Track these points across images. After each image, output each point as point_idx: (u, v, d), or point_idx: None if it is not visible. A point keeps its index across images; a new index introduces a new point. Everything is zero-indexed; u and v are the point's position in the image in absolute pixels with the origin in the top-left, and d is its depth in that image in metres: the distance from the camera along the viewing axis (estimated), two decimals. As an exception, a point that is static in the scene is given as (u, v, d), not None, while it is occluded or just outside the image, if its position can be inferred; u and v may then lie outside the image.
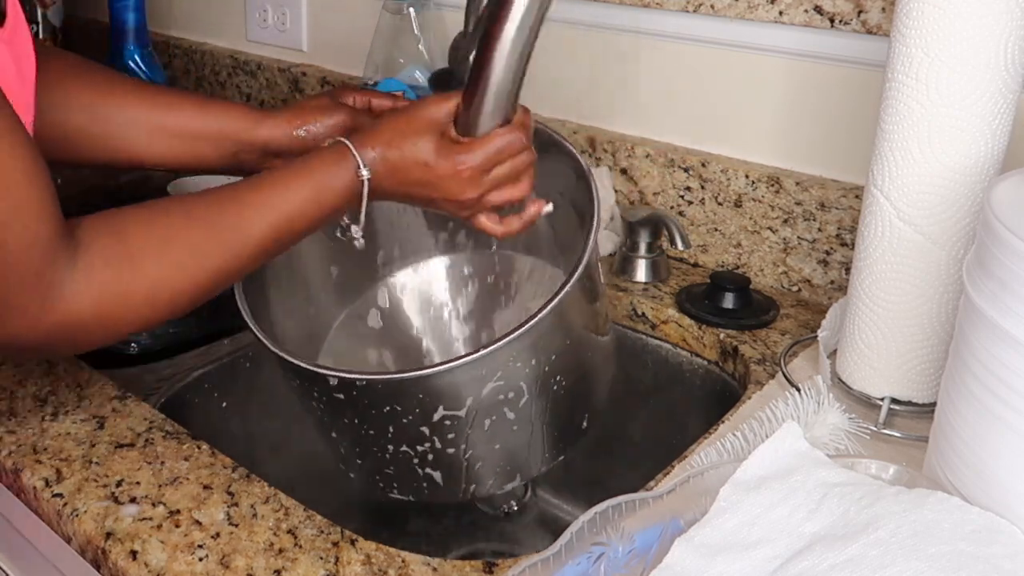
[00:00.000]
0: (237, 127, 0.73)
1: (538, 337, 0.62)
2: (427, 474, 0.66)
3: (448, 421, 0.63)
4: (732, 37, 0.93)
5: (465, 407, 0.62)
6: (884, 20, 0.83)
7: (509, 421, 0.65)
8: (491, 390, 0.62)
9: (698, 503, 0.52)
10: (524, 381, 0.63)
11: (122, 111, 0.72)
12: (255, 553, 0.57)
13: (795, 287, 0.93)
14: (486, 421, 0.64)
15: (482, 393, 0.62)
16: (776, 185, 0.91)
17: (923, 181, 0.63)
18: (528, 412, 0.65)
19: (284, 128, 0.73)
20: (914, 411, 0.69)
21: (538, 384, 0.64)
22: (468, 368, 0.61)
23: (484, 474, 0.68)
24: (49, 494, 0.62)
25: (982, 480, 0.50)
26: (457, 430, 0.63)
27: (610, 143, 1.02)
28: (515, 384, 0.63)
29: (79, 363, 0.78)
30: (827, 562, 0.47)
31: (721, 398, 0.84)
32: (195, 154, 0.73)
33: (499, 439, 0.65)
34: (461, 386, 0.62)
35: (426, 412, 0.62)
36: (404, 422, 0.63)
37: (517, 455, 0.68)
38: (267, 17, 1.39)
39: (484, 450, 0.66)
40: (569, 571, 0.47)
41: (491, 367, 0.61)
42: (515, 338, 0.60)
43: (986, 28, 0.59)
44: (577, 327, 0.67)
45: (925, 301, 0.66)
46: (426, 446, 0.64)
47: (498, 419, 0.64)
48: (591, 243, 0.65)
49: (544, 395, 0.65)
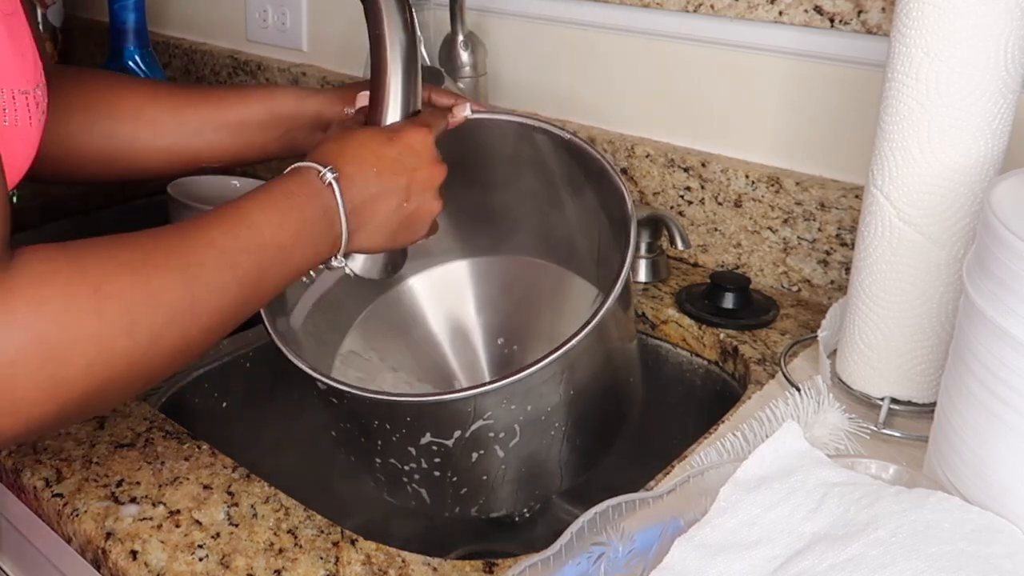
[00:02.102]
0: (284, 108, 0.73)
1: (531, 387, 0.61)
2: (415, 490, 0.66)
3: (435, 447, 0.62)
4: (732, 37, 0.93)
5: (452, 438, 0.61)
6: (884, 20, 0.83)
7: (498, 458, 0.63)
8: (480, 427, 0.61)
9: (698, 503, 0.52)
10: (518, 423, 0.62)
11: (169, 114, 0.72)
12: (255, 553, 0.57)
13: (795, 287, 0.93)
14: (473, 455, 0.63)
15: (469, 429, 0.61)
16: (776, 185, 0.91)
17: (923, 181, 0.63)
18: (518, 452, 0.64)
19: (334, 103, 0.73)
20: (914, 411, 0.69)
21: (532, 427, 0.63)
22: (458, 404, 0.60)
23: (468, 499, 0.67)
24: (49, 494, 0.62)
25: (982, 480, 0.50)
26: (443, 456, 0.62)
27: (610, 143, 1.02)
28: (507, 425, 0.62)
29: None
30: (827, 562, 0.47)
31: (721, 398, 0.84)
32: (246, 142, 0.73)
33: (486, 472, 0.64)
34: (449, 418, 0.61)
35: (413, 435, 0.62)
36: (393, 440, 0.63)
37: (500, 489, 0.67)
38: (267, 17, 1.39)
39: (469, 478, 0.65)
40: (569, 571, 0.47)
41: (480, 407, 0.60)
42: (507, 384, 0.59)
43: (986, 28, 0.59)
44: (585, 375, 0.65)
45: (925, 301, 0.66)
46: (412, 466, 0.64)
47: (487, 454, 0.63)
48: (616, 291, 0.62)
49: (539, 437, 0.64)
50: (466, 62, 1.03)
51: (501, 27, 1.10)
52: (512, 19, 1.09)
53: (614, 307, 0.62)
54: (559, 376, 0.62)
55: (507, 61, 1.11)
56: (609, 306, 0.61)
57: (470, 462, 0.63)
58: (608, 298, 0.61)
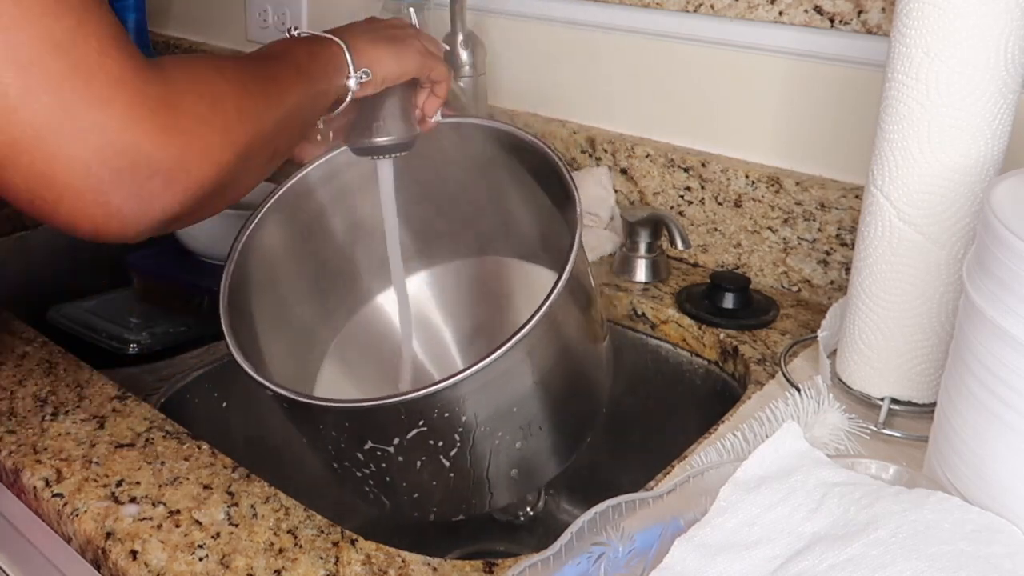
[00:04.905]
0: None
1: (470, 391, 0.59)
2: (376, 495, 0.65)
3: (379, 452, 0.61)
4: (732, 37, 0.93)
5: (392, 444, 0.60)
6: (884, 20, 0.83)
7: (444, 467, 0.62)
8: (416, 435, 0.60)
9: (698, 503, 0.52)
10: (459, 432, 0.60)
11: None
12: (255, 553, 0.57)
13: (795, 287, 0.93)
14: (417, 461, 0.61)
15: (407, 436, 0.60)
16: (776, 185, 0.91)
17: (923, 181, 0.63)
18: (464, 461, 0.62)
19: None
20: (914, 411, 0.69)
21: (472, 435, 0.61)
22: (389, 409, 0.59)
23: (426, 504, 0.66)
24: (49, 494, 0.62)
25: (982, 480, 0.50)
26: (387, 461, 0.61)
27: (610, 143, 1.02)
28: (446, 434, 0.60)
29: (79, 363, 0.78)
30: (827, 562, 0.47)
31: (721, 398, 0.84)
32: None
33: (434, 479, 0.63)
34: (385, 424, 0.60)
35: (355, 440, 0.61)
36: (341, 445, 0.62)
37: (458, 494, 0.65)
38: (267, 17, 1.39)
39: (418, 484, 0.64)
40: (569, 571, 0.47)
41: (412, 411, 0.59)
42: (444, 388, 0.57)
43: (986, 28, 0.59)
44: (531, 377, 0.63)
45: (925, 301, 0.66)
46: (364, 472, 0.63)
47: (429, 460, 0.61)
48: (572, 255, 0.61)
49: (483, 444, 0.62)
50: (466, 62, 1.03)
51: (501, 27, 1.10)
52: (512, 19, 1.09)
53: (565, 299, 0.61)
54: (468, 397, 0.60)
55: (507, 61, 1.11)
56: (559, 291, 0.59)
57: (414, 469, 0.62)
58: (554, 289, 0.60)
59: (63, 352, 0.79)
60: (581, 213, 0.65)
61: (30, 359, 0.78)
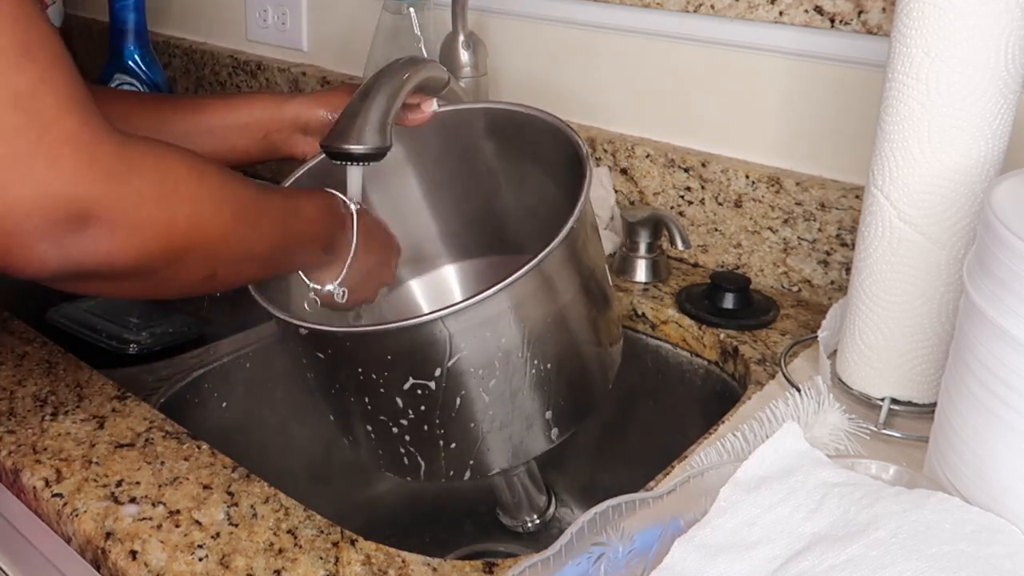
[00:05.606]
0: (263, 112, 0.78)
1: (518, 303, 0.61)
2: (409, 453, 0.65)
3: (419, 391, 0.61)
4: (732, 37, 0.93)
5: (434, 378, 0.61)
6: (884, 20, 0.83)
7: (484, 402, 0.63)
8: (457, 362, 0.61)
9: (698, 503, 0.52)
10: (499, 357, 0.61)
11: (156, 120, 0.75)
12: (255, 553, 0.57)
13: (795, 287, 0.93)
14: (457, 399, 0.62)
15: (447, 364, 0.60)
16: (776, 185, 0.91)
17: (923, 181, 0.63)
18: (504, 389, 0.63)
19: (312, 107, 0.78)
20: (914, 411, 0.69)
21: (510, 361, 0.62)
22: (431, 329, 0.59)
23: (460, 457, 0.66)
24: (49, 494, 0.62)
25: (982, 480, 0.50)
26: (429, 403, 0.62)
27: (610, 143, 1.02)
28: (488, 359, 0.61)
29: (79, 363, 0.78)
30: (827, 562, 0.47)
31: (721, 398, 0.84)
32: (230, 146, 0.78)
33: (472, 419, 0.64)
34: (424, 353, 0.60)
35: (396, 381, 0.61)
36: (381, 391, 0.62)
37: (496, 438, 0.66)
38: (267, 17, 1.39)
39: (456, 428, 0.64)
40: (569, 571, 0.47)
41: (456, 331, 0.60)
42: (485, 298, 0.58)
43: (986, 28, 0.59)
44: (564, 301, 0.65)
45: (925, 301, 0.66)
46: (402, 424, 0.63)
47: (468, 395, 0.62)
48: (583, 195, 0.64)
49: (518, 376, 0.63)
50: (467, 62, 1.03)
51: (502, 27, 1.10)
52: (513, 19, 1.10)
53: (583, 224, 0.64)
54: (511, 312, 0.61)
55: (508, 61, 1.11)
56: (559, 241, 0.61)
57: (455, 407, 0.63)
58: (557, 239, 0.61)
59: (63, 352, 0.79)
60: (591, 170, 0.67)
61: (30, 359, 0.78)
